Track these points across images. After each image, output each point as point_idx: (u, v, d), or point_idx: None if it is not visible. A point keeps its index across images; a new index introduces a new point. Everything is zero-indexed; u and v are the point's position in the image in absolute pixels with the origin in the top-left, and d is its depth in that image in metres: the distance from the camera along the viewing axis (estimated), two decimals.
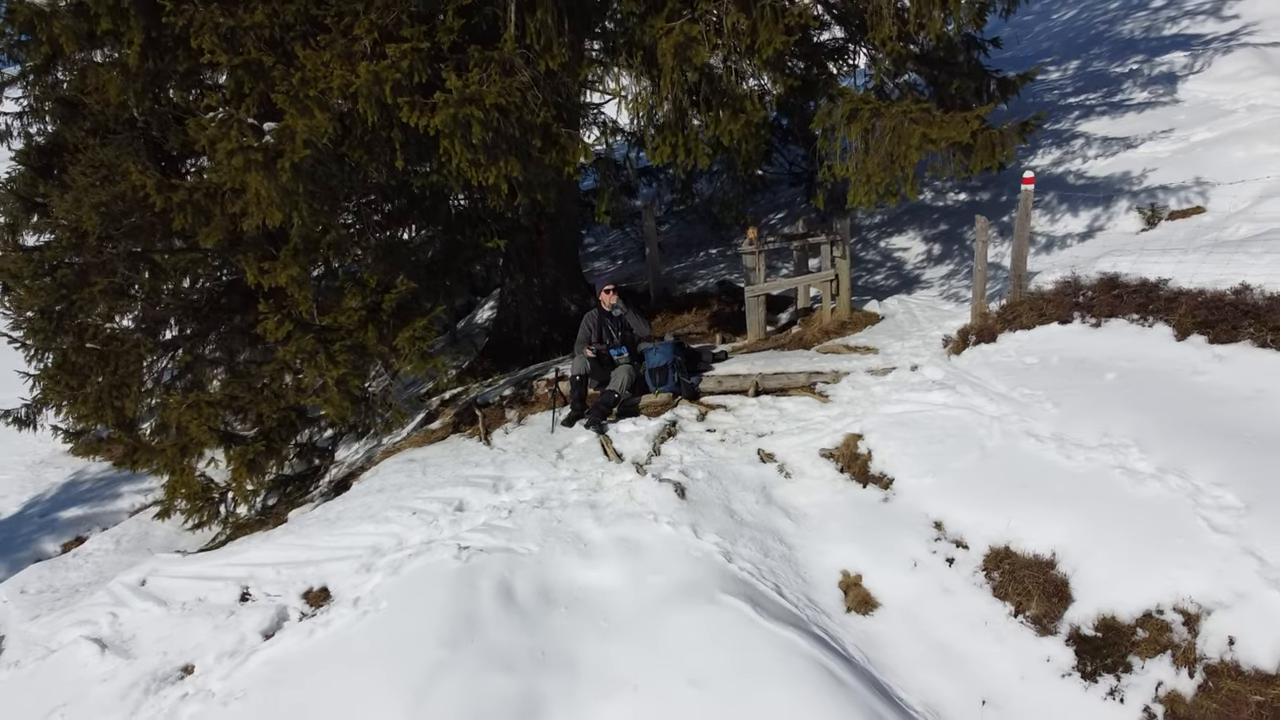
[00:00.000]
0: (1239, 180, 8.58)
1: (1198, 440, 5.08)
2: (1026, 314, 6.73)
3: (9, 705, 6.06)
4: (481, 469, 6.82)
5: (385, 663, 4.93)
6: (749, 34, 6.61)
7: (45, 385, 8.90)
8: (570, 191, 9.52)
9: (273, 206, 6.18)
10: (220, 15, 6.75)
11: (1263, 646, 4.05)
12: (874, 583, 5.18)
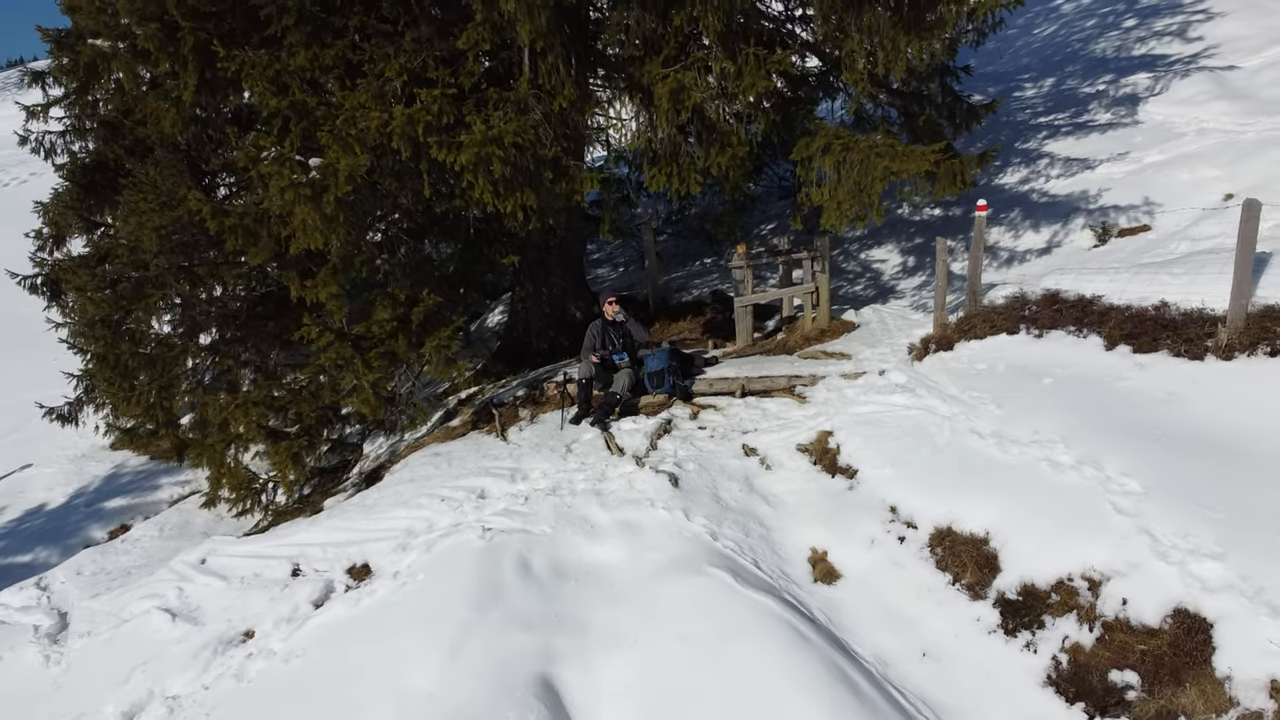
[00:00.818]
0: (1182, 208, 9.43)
1: (1113, 437, 5.95)
2: (980, 325, 7.60)
3: (93, 665, 6.97)
4: (500, 461, 7.71)
5: (423, 625, 5.81)
6: (735, 78, 7.47)
7: (101, 387, 9.76)
8: (576, 209, 10.39)
9: (317, 232, 7.04)
10: (268, 60, 7.62)
11: (1149, 606, 4.92)
12: (837, 558, 6.06)
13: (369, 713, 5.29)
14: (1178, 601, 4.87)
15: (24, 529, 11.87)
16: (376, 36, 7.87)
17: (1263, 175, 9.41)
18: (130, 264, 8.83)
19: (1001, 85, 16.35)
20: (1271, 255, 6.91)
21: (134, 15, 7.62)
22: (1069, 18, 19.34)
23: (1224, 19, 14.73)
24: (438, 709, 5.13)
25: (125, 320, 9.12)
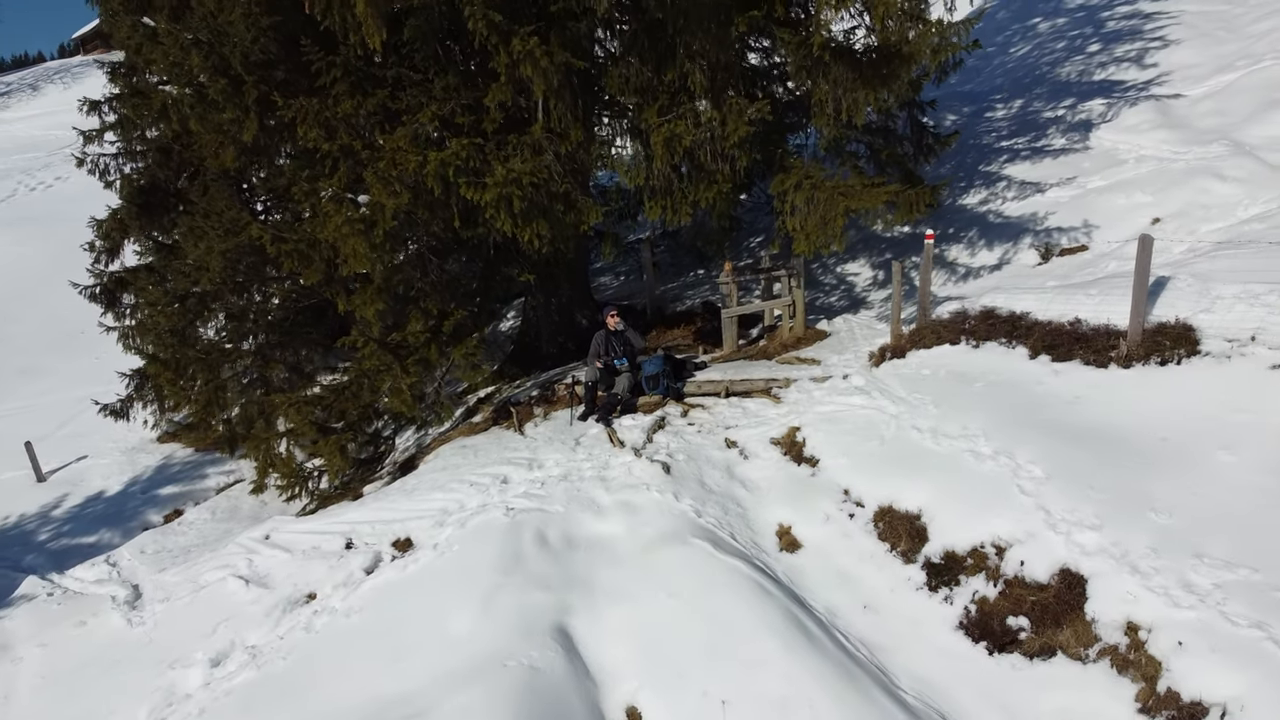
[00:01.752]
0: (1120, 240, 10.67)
1: (1026, 432, 7.21)
2: (928, 336, 8.85)
3: (178, 623, 8.26)
4: (518, 452, 8.98)
5: (460, 585, 7.08)
6: (720, 124, 8.71)
7: (165, 387, 11.03)
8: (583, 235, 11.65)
9: (365, 259, 8.29)
10: (319, 107, 8.87)
11: (1040, 567, 6.18)
12: (799, 531, 7.33)
13: (418, 653, 6.56)
14: (1062, 563, 6.13)
15: (87, 513, 13.16)
16: (410, 86, 9.11)
17: (1186, 202, 10.65)
18: (194, 280, 10.07)
19: (975, 105, 17.55)
20: (1171, 278, 8.16)
21: (206, 71, 8.86)
22: (1043, 38, 20.50)
23: (1178, 46, 15.93)
24: (474, 649, 6.40)
25: (189, 329, 10.37)
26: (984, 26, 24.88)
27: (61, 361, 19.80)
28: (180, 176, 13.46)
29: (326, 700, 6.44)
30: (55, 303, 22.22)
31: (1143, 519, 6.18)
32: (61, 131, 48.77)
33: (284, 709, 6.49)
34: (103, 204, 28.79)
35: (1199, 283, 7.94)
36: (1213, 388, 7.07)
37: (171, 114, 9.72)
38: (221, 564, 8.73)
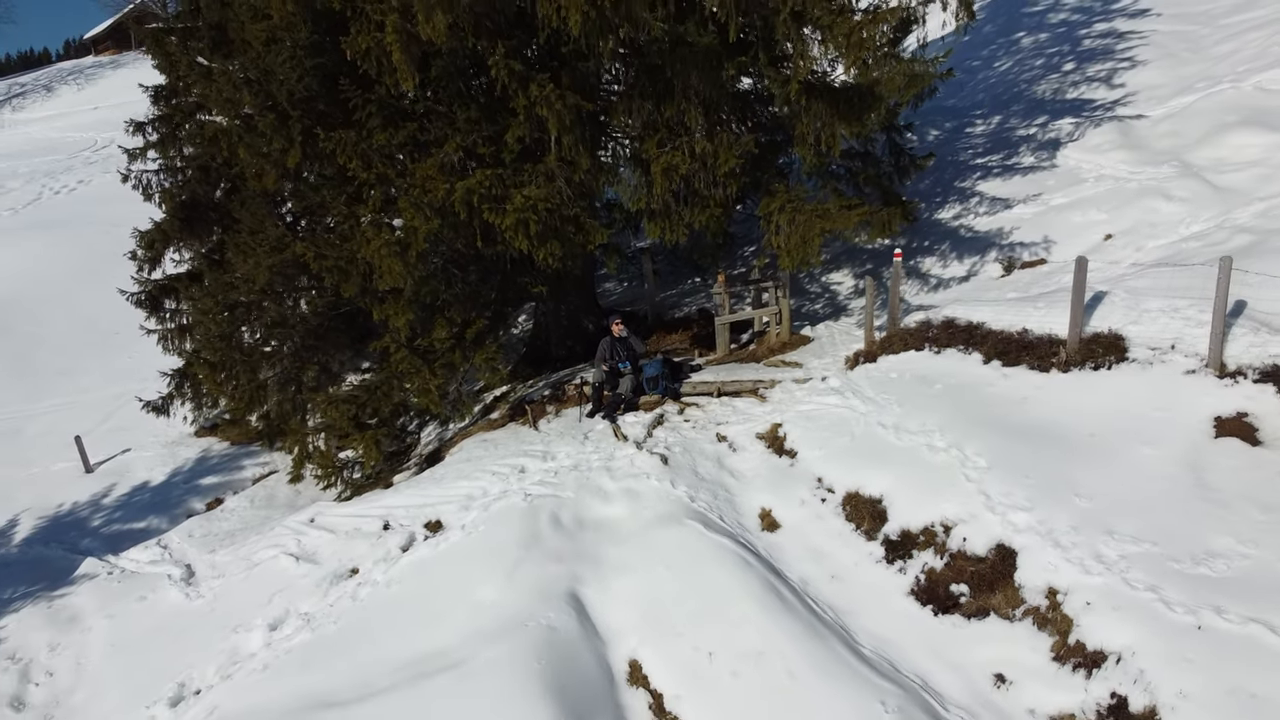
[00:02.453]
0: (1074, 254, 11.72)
1: (975, 428, 8.30)
2: (897, 343, 9.93)
3: (236, 595, 9.38)
4: (534, 446, 10.09)
5: (485, 560, 8.19)
6: (713, 155, 9.79)
7: (211, 387, 12.14)
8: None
9: (399, 276, 9.39)
10: (356, 139, 9.95)
11: (980, 542, 7.27)
12: (779, 514, 8.43)
13: (451, 616, 7.68)
14: (998, 539, 7.22)
15: (134, 501, 14.29)
16: (436, 118, 10.20)
17: (1136, 220, 11.71)
18: (241, 291, 11.16)
19: (957, 120, 18.58)
20: (1108, 293, 9.23)
21: (256, 107, 9.95)
22: (1024, 54, 21.48)
23: (1145, 67, 16.93)
24: (499, 612, 7.52)
25: (236, 335, 11.48)
26: (971, 40, 25.88)
27: (98, 361, 20.87)
28: (217, 190, 14.62)
29: (374, 656, 7.56)
30: (88, 305, 23.36)
31: (1067, 502, 7.28)
32: (79, 134, 49.82)
33: (338, 663, 7.62)
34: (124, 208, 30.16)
35: (1131, 297, 9.01)
36: (1137, 390, 8.15)
37: (221, 142, 10.79)
38: (272, 544, 9.85)
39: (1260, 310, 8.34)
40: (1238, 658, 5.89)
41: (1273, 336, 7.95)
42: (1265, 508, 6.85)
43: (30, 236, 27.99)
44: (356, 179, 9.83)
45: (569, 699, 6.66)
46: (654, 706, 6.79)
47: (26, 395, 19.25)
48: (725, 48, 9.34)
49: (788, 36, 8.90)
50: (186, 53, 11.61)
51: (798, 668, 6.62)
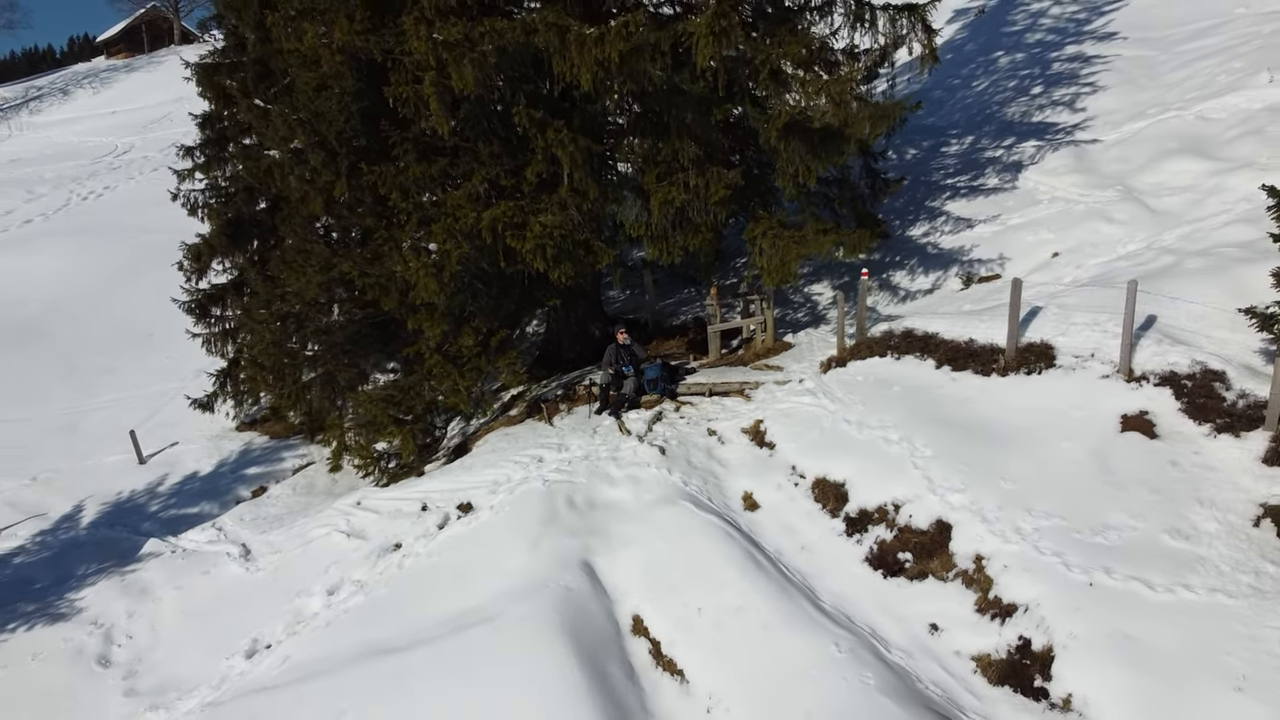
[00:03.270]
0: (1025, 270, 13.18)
1: (925, 423, 9.76)
2: (864, 350, 11.40)
3: (294, 568, 10.86)
4: (549, 439, 11.57)
5: (512, 534, 9.67)
6: (704, 188, 11.25)
7: (262, 386, 13.61)
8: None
9: (434, 293, 10.85)
10: (395, 172, 11.41)
11: (923, 518, 8.74)
12: (758, 496, 9.91)
13: (483, 581, 9.16)
14: (937, 515, 8.69)
15: (186, 489, 15.78)
16: (464, 154, 11.65)
17: (1080, 239, 13.17)
18: (291, 303, 12.62)
19: (934, 139, 19.99)
20: (1043, 308, 10.69)
21: (308, 144, 11.41)
22: (1000, 75, 22.86)
23: (1105, 93, 18.35)
24: (524, 577, 9.01)
25: (286, 341, 12.96)
26: (953, 58, 27.25)
27: (136, 361, 22.30)
28: (257, 207, 16.10)
29: (420, 613, 9.06)
30: (123, 308, 24.82)
31: (995, 485, 8.76)
32: (99, 139, 51.14)
33: (389, 619, 9.12)
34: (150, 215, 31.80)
35: (1062, 312, 10.48)
36: (1060, 392, 9.61)
37: (275, 173, 12.24)
38: (324, 523, 11.35)
39: (1166, 324, 9.81)
40: (1118, 607, 7.37)
41: (1173, 347, 9.42)
42: (1154, 490, 8.33)
43: (64, 242, 29.41)
44: (395, 207, 11.29)
45: (583, 645, 8.15)
46: (653, 651, 8.28)
47: (75, 393, 20.71)
48: (715, 95, 10.79)
49: (768, 90, 10.34)
50: (246, 95, 13.01)
51: (770, 620, 8.10)
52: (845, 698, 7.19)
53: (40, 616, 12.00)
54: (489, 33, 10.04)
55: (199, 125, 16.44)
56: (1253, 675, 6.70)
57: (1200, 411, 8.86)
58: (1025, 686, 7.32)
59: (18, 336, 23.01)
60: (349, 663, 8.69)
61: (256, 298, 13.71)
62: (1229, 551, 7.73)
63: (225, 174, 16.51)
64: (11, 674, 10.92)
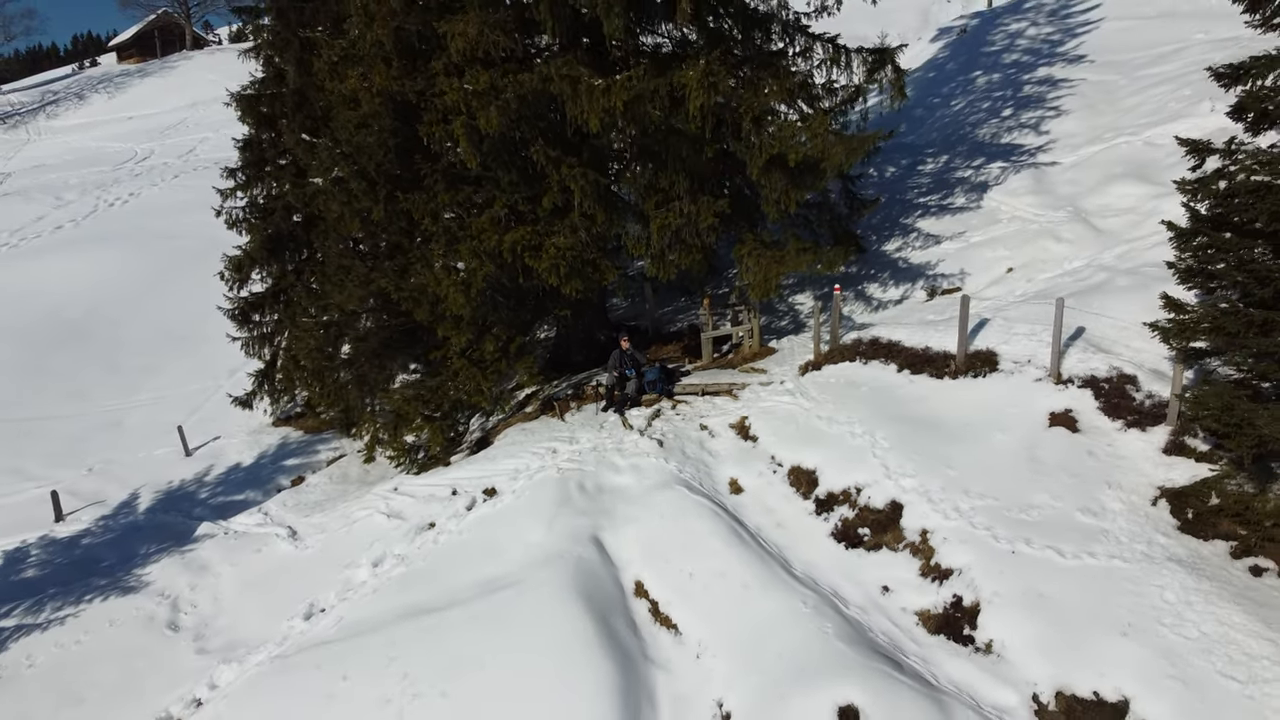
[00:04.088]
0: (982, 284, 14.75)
1: (885, 419, 11.33)
2: (836, 356, 12.96)
3: (340, 544, 12.42)
4: (561, 433, 13.14)
5: (531, 514, 11.24)
6: (696, 214, 12.80)
7: (304, 386, 15.18)
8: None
9: (462, 306, 12.42)
10: (426, 199, 12.98)
11: (879, 499, 10.32)
12: (743, 481, 11.48)
13: (508, 553, 10.73)
14: (891, 497, 10.26)
15: (231, 479, 17.36)
16: (487, 183, 13.19)
17: (1032, 256, 14.73)
18: (333, 312, 14.19)
19: (912, 158, 21.50)
20: (990, 320, 12.25)
21: (351, 176, 12.97)
22: (976, 95, 24.35)
23: (1067, 116, 19.86)
24: (543, 549, 10.57)
25: (327, 346, 14.53)
26: (935, 76, 28.77)
27: (172, 361, 23.87)
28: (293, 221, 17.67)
29: (454, 580, 10.63)
30: (157, 311, 26.37)
31: (940, 472, 10.33)
32: (118, 144, 52.58)
33: (428, 585, 10.69)
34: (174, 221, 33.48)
35: (1006, 323, 12.05)
36: (1000, 392, 11.19)
37: (320, 198, 13.79)
38: (366, 506, 12.93)
39: (1093, 335, 11.37)
40: (1034, 571, 8.96)
41: (1096, 354, 10.99)
42: (1072, 474, 9.91)
43: (97, 248, 30.93)
44: (426, 230, 12.85)
45: (594, 605, 9.73)
46: (652, 610, 9.86)
47: (119, 391, 22.30)
48: (705, 134, 12.34)
49: (751, 132, 11.90)
50: (285, 123, 14.56)
51: (749, 583, 9.68)
52: (807, 643, 8.76)
53: (112, 589, 13.55)
54: (511, 82, 11.60)
55: (239, 149, 17.99)
56: (1136, 623, 8.29)
57: (1115, 409, 10.45)
58: (956, 635, 8.91)
59: (62, 339, 24.58)
60: (396, 620, 10.27)
61: (298, 306, 15.26)
62: (1128, 525, 9.31)
63: (264, 192, 18.08)
64: (93, 638, 12.48)
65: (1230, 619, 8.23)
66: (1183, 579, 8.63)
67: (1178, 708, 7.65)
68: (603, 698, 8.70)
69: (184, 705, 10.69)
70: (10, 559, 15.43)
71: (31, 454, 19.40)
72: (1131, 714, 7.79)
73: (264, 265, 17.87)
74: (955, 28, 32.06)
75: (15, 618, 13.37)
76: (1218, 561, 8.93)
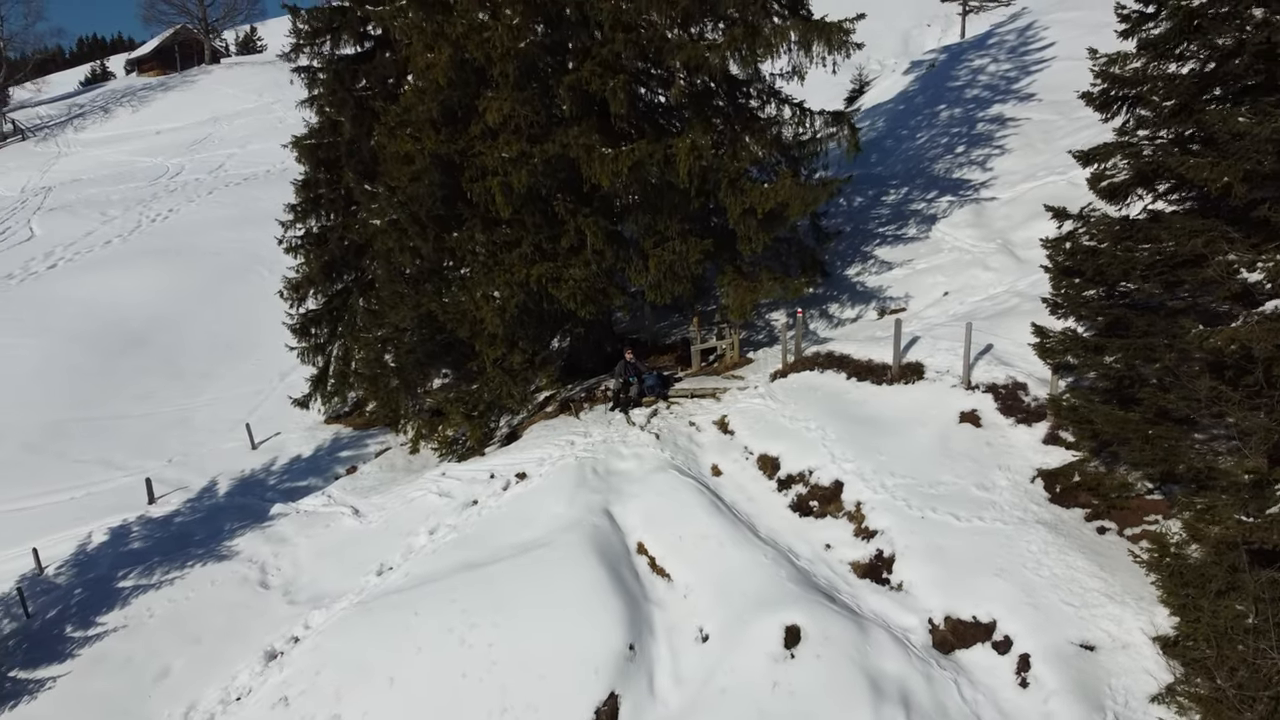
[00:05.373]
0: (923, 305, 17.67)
1: (834, 418, 14.24)
2: (800, 366, 15.88)
3: (400, 519, 15.34)
4: (577, 429, 16.06)
5: (554, 492, 14.16)
6: (685, 252, 15.71)
7: (361, 388, 18.08)
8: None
9: (496, 326, 15.34)
10: (467, 238, 15.89)
11: (826, 479, 13.24)
12: (722, 466, 14.41)
13: (537, 522, 13.64)
14: (835, 477, 13.17)
15: (294, 468, 20.27)
16: (516, 225, 16.09)
17: (964, 283, 17.64)
18: (387, 329, 17.08)
19: (878, 188, 24.36)
20: (921, 337, 15.16)
21: (405, 217, 15.87)
22: (938, 129, 27.20)
23: (1009, 155, 22.74)
24: (566, 519, 13.49)
25: (381, 356, 17.44)
26: (905, 108, 31.59)
27: (227, 366, 26.78)
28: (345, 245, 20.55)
29: (497, 543, 13.54)
30: (212, 321, 29.29)
31: (873, 457, 13.23)
32: (149, 159, 55.30)
33: (477, 547, 13.59)
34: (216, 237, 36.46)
35: (933, 340, 14.96)
36: (924, 396, 14.09)
37: (378, 239, 16.69)
38: (420, 488, 15.85)
39: (998, 350, 14.27)
40: (936, 531, 11.84)
41: (998, 366, 13.90)
42: (973, 459, 12.81)
43: (147, 262, 33.77)
44: (466, 263, 15.77)
45: (607, 560, 12.64)
46: (650, 563, 12.77)
47: (182, 393, 25.21)
48: (693, 189, 15.25)
49: (728, 191, 14.82)
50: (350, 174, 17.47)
51: (725, 542, 12.58)
52: (766, 585, 11.66)
53: (208, 557, 16.44)
54: (538, 150, 14.51)
55: (297, 188, 20.86)
56: (1007, 568, 11.17)
57: (1009, 410, 13.36)
58: (877, 578, 11.82)
59: (127, 345, 27.48)
60: (452, 573, 13.18)
61: (356, 323, 18.14)
62: (1011, 498, 12.21)
63: (318, 224, 20.97)
64: (199, 594, 15.37)
65: (1075, 564, 11.13)
66: (1045, 536, 11.53)
67: (1030, 625, 10.54)
68: (614, 627, 11.61)
69: (284, 641, 13.60)
70: (116, 534, 18.34)
71: (116, 447, 22.32)
72: (997, 630, 10.70)
73: (319, 286, 20.74)
74: (926, 61, 34.92)
75: (131, 580, 16.29)
76: (1074, 524, 11.84)
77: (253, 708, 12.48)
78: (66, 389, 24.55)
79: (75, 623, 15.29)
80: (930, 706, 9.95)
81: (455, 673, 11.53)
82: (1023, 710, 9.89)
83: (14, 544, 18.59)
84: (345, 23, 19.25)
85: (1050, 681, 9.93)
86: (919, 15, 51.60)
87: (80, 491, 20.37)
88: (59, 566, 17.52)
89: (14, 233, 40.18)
